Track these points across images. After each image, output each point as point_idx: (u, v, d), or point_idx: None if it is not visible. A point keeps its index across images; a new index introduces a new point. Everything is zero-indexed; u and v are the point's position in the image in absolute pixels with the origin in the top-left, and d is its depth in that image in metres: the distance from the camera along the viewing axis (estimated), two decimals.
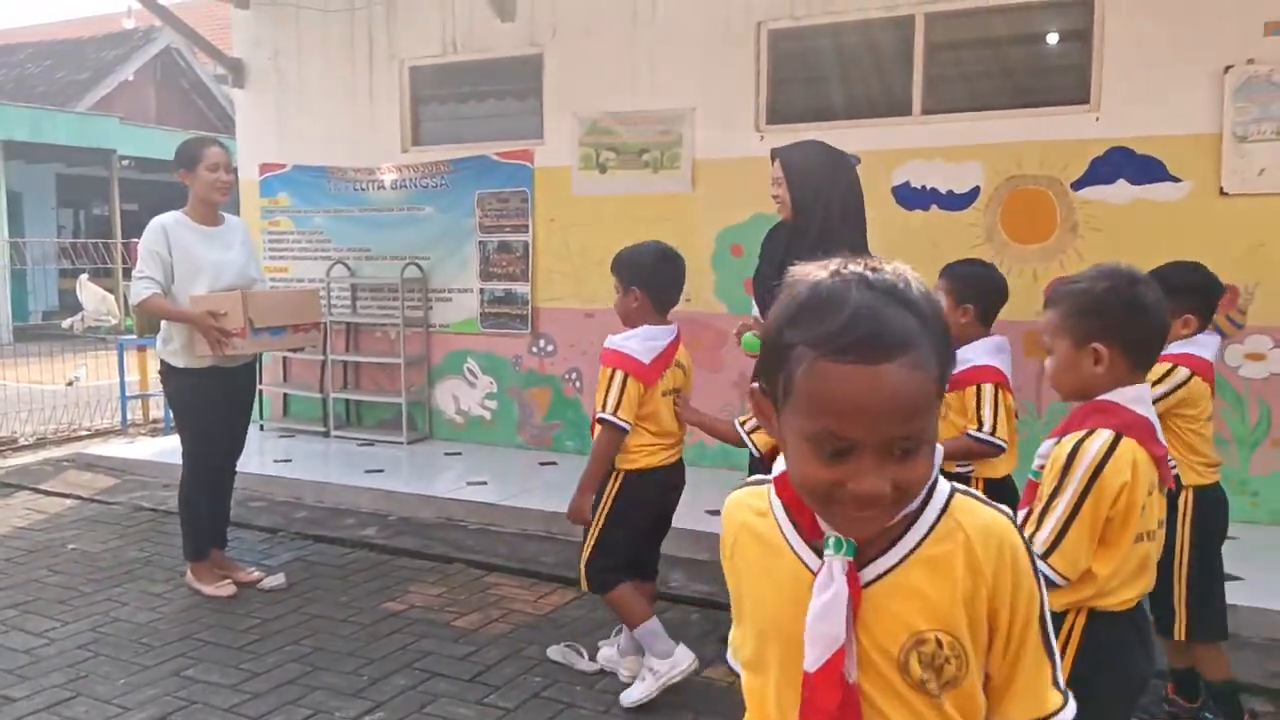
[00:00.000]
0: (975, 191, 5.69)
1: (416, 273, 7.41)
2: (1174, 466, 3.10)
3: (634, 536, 3.55)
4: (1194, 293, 3.16)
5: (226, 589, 4.58)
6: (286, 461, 6.90)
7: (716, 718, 3.44)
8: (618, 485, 3.48)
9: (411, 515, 5.81)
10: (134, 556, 5.16)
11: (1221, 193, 5.17)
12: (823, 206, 3.67)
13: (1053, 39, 5.77)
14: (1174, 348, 3.04)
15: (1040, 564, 2.00)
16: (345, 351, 7.79)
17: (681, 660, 3.46)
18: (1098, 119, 5.41)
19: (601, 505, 3.49)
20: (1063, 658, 2.06)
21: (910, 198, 5.83)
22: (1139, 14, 5.30)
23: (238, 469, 4.87)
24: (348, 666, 3.84)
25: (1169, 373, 3.07)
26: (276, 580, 4.71)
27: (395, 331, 7.45)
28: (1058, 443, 2.11)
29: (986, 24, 5.79)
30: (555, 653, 3.88)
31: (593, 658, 3.82)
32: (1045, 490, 2.07)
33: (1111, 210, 5.40)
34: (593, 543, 3.51)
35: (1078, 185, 5.46)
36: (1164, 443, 2.14)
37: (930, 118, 5.83)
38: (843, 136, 5.98)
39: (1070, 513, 2.02)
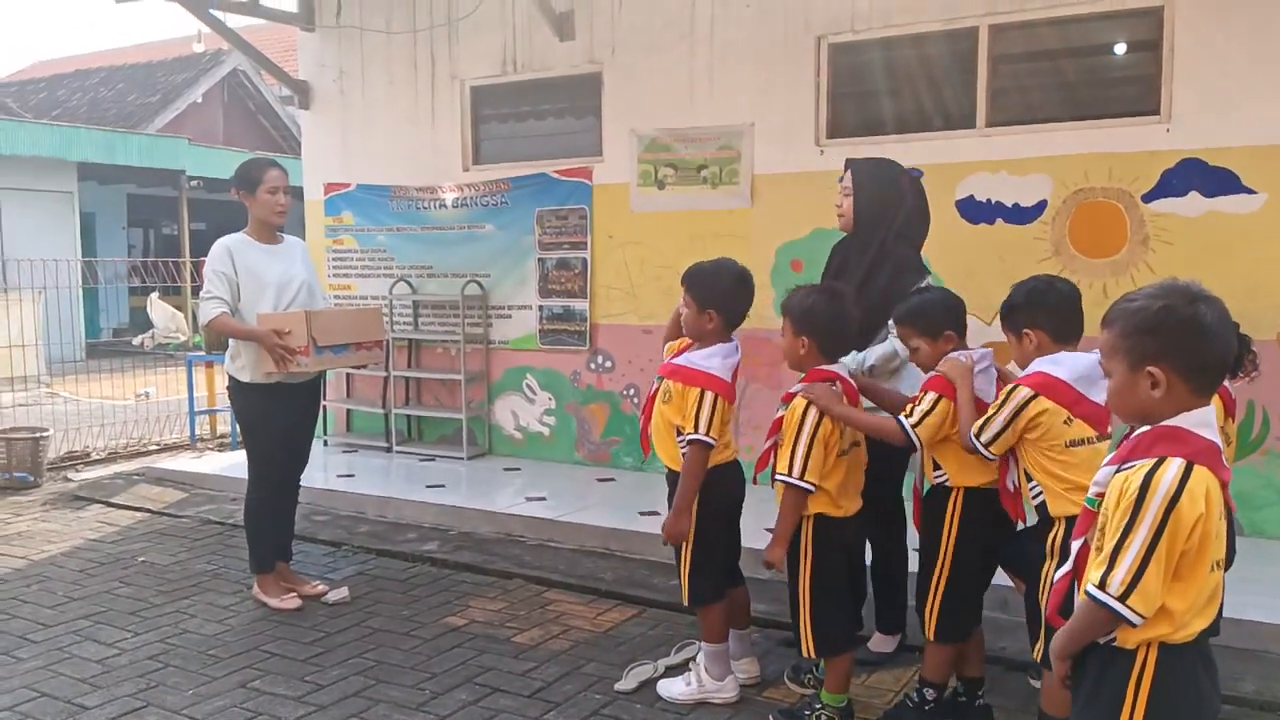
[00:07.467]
0: (1042, 205, 5.59)
1: (477, 290, 7.47)
2: (1039, 497, 3.01)
3: (720, 535, 3.59)
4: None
5: (292, 602, 4.64)
6: (349, 476, 6.98)
7: None
8: None
9: (472, 530, 5.84)
10: (202, 569, 5.25)
11: None
12: (886, 224, 3.90)
13: (1121, 49, 5.66)
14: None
15: (1118, 606, 1.92)
16: (407, 368, 7.88)
17: (728, 689, 3.62)
18: (1168, 130, 5.29)
19: None
20: (1136, 698, 1.98)
21: (975, 211, 5.75)
22: (1210, 23, 5.17)
23: (302, 483, 4.94)
24: (410, 680, 3.86)
25: (1009, 395, 3.00)
26: (340, 594, 4.76)
27: (456, 348, 7.52)
28: (1118, 470, 1.98)
29: (1052, 35, 5.69)
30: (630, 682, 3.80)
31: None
32: (1115, 525, 1.94)
33: (1184, 223, 5.27)
34: (690, 549, 3.53)
35: (1148, 198, 5.33)
36: (1229, 467, 2.02)
37: (995, 130, 5.74)
38: (905, 150, 5.93)
39: (1147, 550, 1.90)
